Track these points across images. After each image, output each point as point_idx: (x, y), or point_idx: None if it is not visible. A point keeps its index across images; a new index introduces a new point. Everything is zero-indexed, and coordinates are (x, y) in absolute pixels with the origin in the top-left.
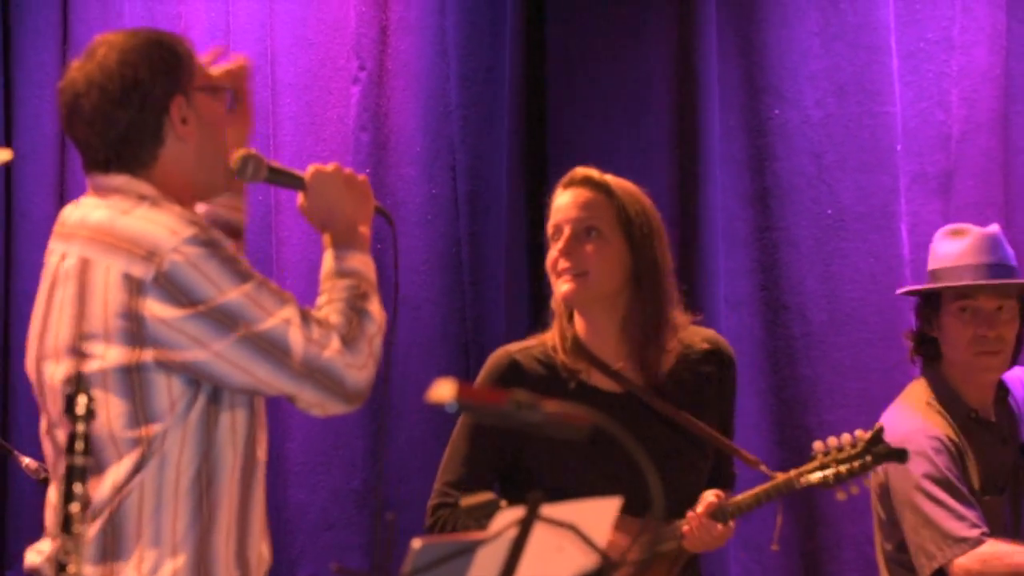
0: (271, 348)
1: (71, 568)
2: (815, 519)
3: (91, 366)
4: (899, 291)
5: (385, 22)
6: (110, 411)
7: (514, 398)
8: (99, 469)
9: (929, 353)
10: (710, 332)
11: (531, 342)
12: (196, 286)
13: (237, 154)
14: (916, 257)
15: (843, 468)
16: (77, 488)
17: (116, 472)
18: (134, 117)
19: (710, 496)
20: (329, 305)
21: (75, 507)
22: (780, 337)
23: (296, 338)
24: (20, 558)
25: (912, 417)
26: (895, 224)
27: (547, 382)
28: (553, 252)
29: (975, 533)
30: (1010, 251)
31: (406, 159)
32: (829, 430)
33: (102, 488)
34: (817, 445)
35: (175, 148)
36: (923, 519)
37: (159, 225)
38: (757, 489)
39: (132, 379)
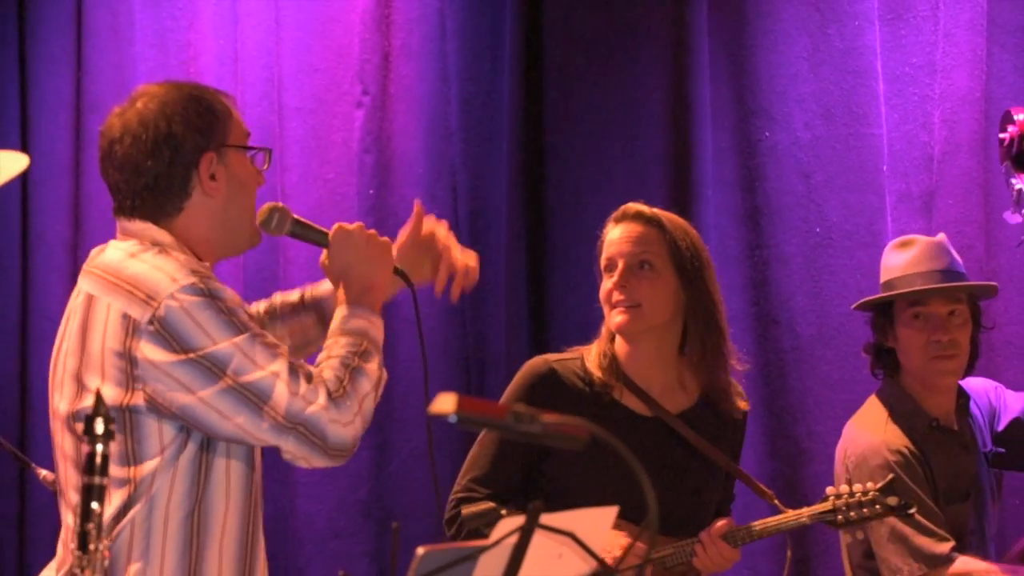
0: (257, 400)
1: None
2: (803, 532)
3: (86, 401)
4: (853, 305)
5: (388, 48)
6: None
7: (513, 410)
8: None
9: (888, 365)
10: (734, 381)
11: (570, 355)
12: (188, 333)
13: (265, 206)
14: None
15: (853, 514)
16: (95, 507)
17: (108, 508)
18: (162, 169)
19: (723, 521)
20: (326, 361)
21: (91, 526)
22: (771, 351)
23: (281, 391)
24: (38, 567)
25: (873, 432)
26: (881, 242)
27: (582, 394)
28: (607, 284)
29: (945, 548)
30: (957, 258)
31: (409, 180)
32: (818, 440)
33: (108, 513)
34: (829, 489)
35: (201, 202)
36: (889, 533)
37: (161, 271)
38: (770, 521)
39: (124, 418)
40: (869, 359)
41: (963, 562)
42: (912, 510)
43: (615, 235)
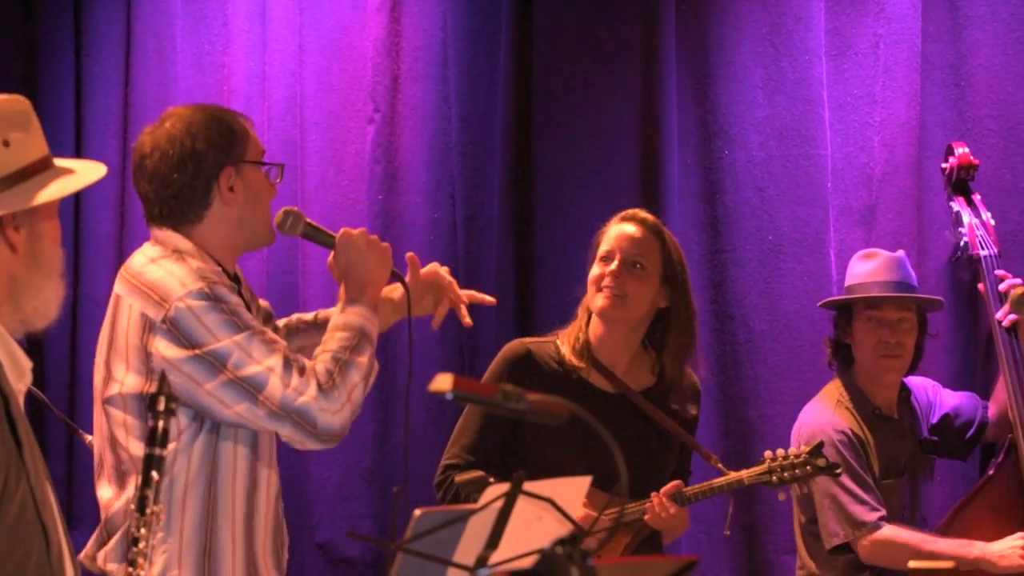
0: (254, 391)
1: (142, 544)
2: (752, 497)
3: (113, 388)
4: (820, 303)
5: (397, 72)
6: (128, 431)
7: (502, 389)
8: (122, 482)
9: (843, 358)
10: (695, 379)
11: (545, 338)
12: (194, 332)
13: (281, 210)
14: (842, 277)
15: (786, 475)
16: (153, 475)
17: (134, 486)
18: (187, 181)
19: (674, 483)
20: (321, 355)
21: (149, 491)
22: (727, 343)
23: (275, 384)
24: (85, 522)
25: (824, 413)
26: (825, 249)
27: (554, 373)
28: (599, 269)
29: (873, 517)
30: (912, 272)
31: (413, 188)
32: (768, 422)
33: (124, 498)
34: (767, 453)
35: (220, 211)
36: (830, 501)
37: (174, 277)
38: (712, 482)
39: (145, 405)
40: (828, 351)
41: (890, 530)
42: (839, 471)
43: (618, 231)
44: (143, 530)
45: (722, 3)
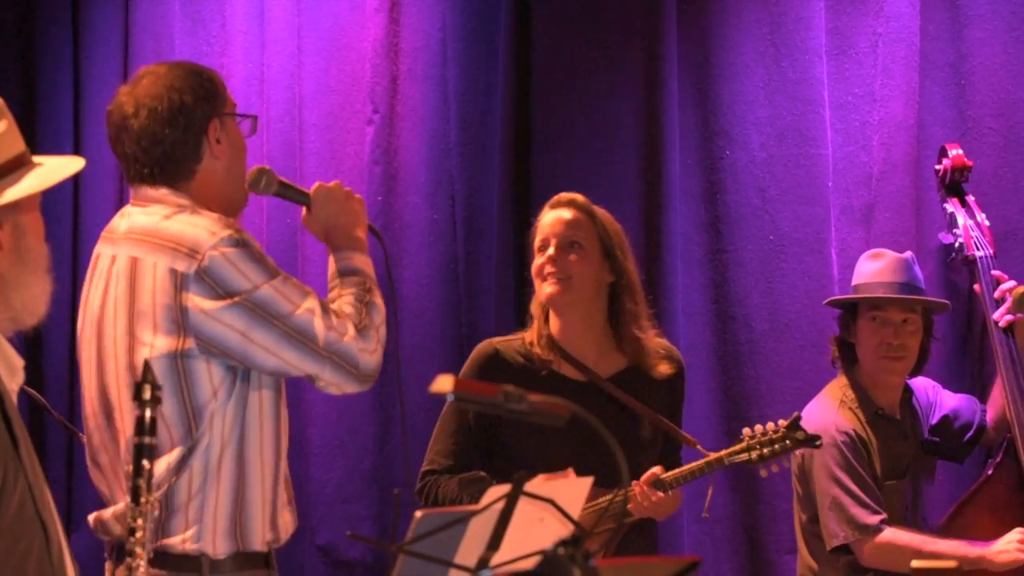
0: (298, 335)
1: (139, 534)
2: (755, 497)
3: (142, 353)
4: (825, 301)
5: (396, 73)
6: (168, 398)
7: (503, 390)
8: (157, 451)
9: (848, 357)
10: (666, 342)
11: (512, 336)
12: (232, 280)
13: (253, 168)
14: (843, 277)
15: (766, 450)
16: (144, 464)
17: (170, 456)
18: (178, 136)
19: (653, 469)
20: (341, 299)
21: (142, 481)
22: (728, 343)
23: (319, 325)
24: (85, 523)
25: (826, 412)
26: (826, 249)
27: (523, 369)
28: (539, 260)
29: (875, 520)
30: (919, 274)
31: (412, 189)
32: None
33: (158, 468)
34: (745, 431)
35: (210, 164)
36: (831, 502)
37: (199, 228)
38: (692, 465)
39: (177, 366)
40: (833, 349)
41: (891, 532)
42: (818, 442)
43: (550, 218)
44: (139, 520)
45: (723, 3)
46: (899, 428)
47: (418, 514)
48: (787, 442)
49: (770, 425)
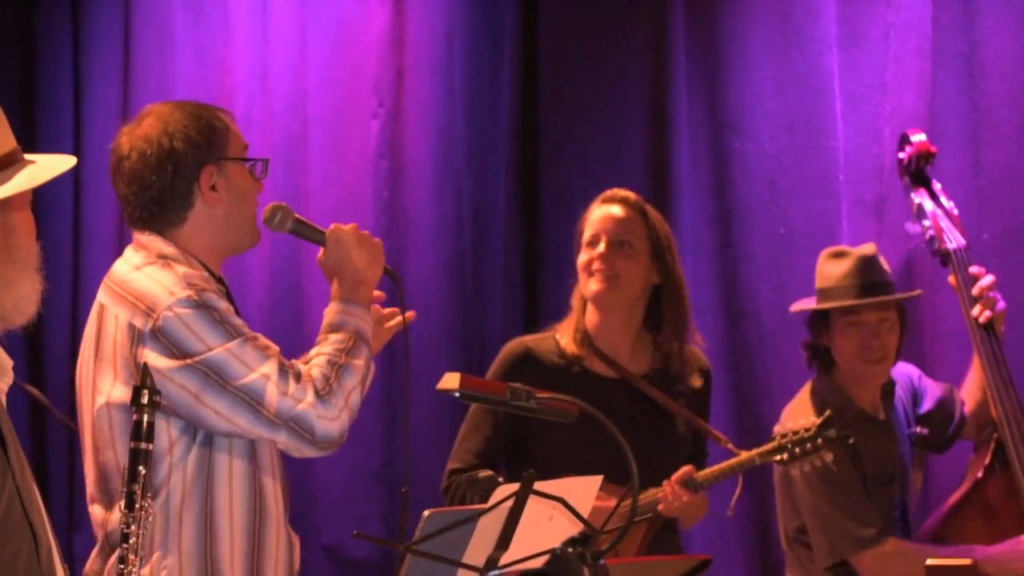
0: (250, 400)
1: (132, 540)
2: (766, 494)
3: (99, 401)
4: (792, 308)
5: (401, 66)
6: (116, 447)
7: (510, 387)
8: (111, 497)
9: (824, 360)
10: (697, 351)
11: (543, 334)
12: (185, 341)
13: (268, 205)
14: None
15: (797, 449)
16: (140, 469)
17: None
18: (167, 183)
19: (684, 468)
20: (315, 358)
21: (137, 487)
22: (738, 338)
23: (271, 392)
24: (85, 523)
25: (805, 420)
26: (837, 242)
27: (555, 367)
28: (588, 255)
29: (870, 532)
30: (886, 267)
31: (418, 184)
32: (779, 418)
33: (117, 511)
34: (776, 429)
35: (203, 211)
36: (820, 516)
37: (160, 285)
38: (723, 464)
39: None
40: (806, 355)
41: (893, 543)
42: (851, 439)
43: (600, 214)
44: (133, 526)
45: None
46: (884, 428)
47: (426, 513)
48: (819, 440)
49: (801, 423)
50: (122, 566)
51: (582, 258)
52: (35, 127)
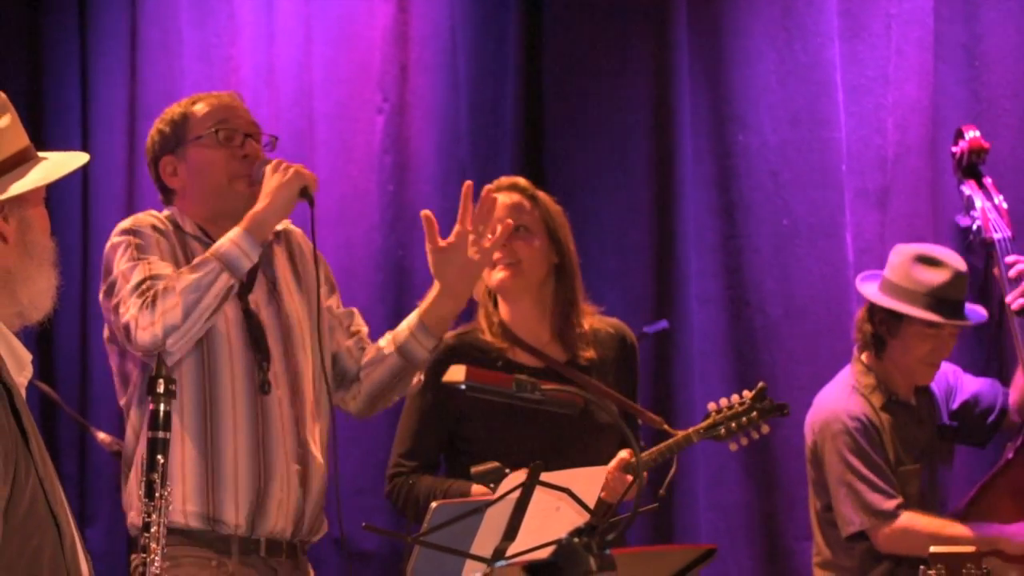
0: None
1: (154, 529)
2: (771, 484)
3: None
4: (874, 299)
5: (405, 62)
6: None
7: (516, 379)
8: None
9: (876, 347)
10: (615, 320)
11: (464, 328)
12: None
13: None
14: (858, 261)
15: (733, 424)
16: (159, 459)
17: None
18: (155, 175)
19: (622, 453)
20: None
21: (156, 475)
22: (743, 329)
23: (123, 306)
24: (98, 520)
25: (838, 399)
26: (841, 233)
27: (480, 361)
28: None
29: (891, 505)
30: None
31: (423, 178)
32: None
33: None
34: (711, 405)
35: (180, 192)
36: (846, 488)
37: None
38: (661, 445)
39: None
40: (859, 335)
41: (908, 517)
42: (786, 411)
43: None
44: (154, 515)
45: None
46: (914, 414)
47: (434, 505)
48: (754, 413)
49: (735, 397)
50: (144, 555)
51: None
52: (43, 125)
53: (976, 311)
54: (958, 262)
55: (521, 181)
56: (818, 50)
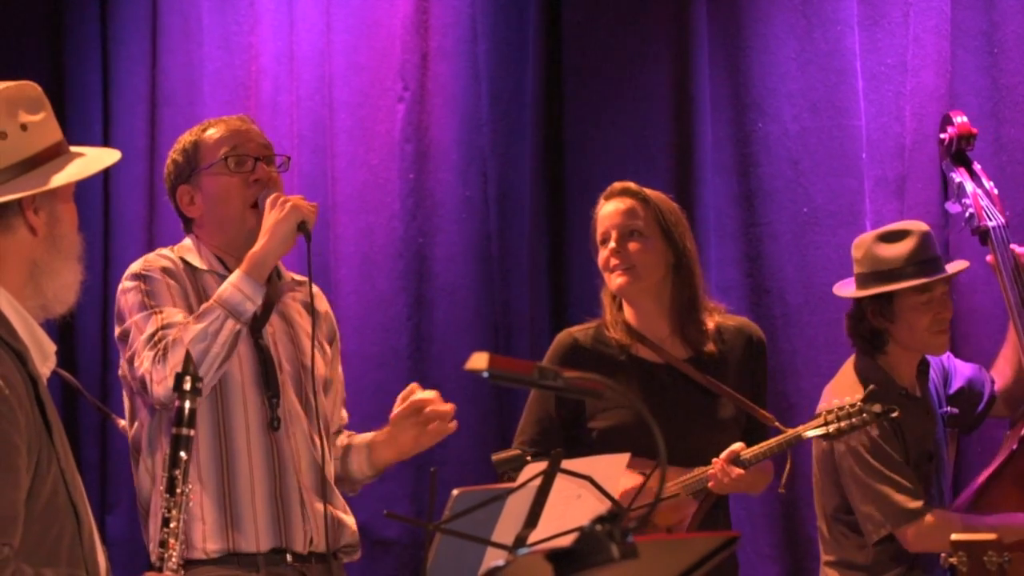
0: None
1: (173, 525)
2: (795, 471)
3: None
4: (847, 294)
5: (426, 49)
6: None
7: (537, 367)
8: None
9: (875, 343)
10: (743, 319)
11: (588, 324)
12: (119, 311)
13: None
14: None
15: (843, 424)
16: (182, 455)
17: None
18: (174, 204)
19: (732, 447)
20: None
21: (178, 472)
22: (763, 317)
23: (136, 357)
24: (118, 507)
25: (847, 395)
26: (861, 220)
27: (603, 355)
28: (604, 253)
29: (918, 504)
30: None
31: (444, 166)
32: (805, 396)
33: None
34: (821, 405)
35: (198, 220)
36: (870, 491)
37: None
38: (770, 441)
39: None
40: (855, 338)
41: (936, 515)
42: (895, 413)
43: (606, 211)
44: (174, 511)
45: None
46: (923, 405)
47: (455, 492)
48: (864, 415)
49: (847, 399)
50: (162, 549)
51: (600, 257)
52: (65, 114)
53: (956, 263)
54: (918, 225)
55: (632, 186)
56: (838, 38)
